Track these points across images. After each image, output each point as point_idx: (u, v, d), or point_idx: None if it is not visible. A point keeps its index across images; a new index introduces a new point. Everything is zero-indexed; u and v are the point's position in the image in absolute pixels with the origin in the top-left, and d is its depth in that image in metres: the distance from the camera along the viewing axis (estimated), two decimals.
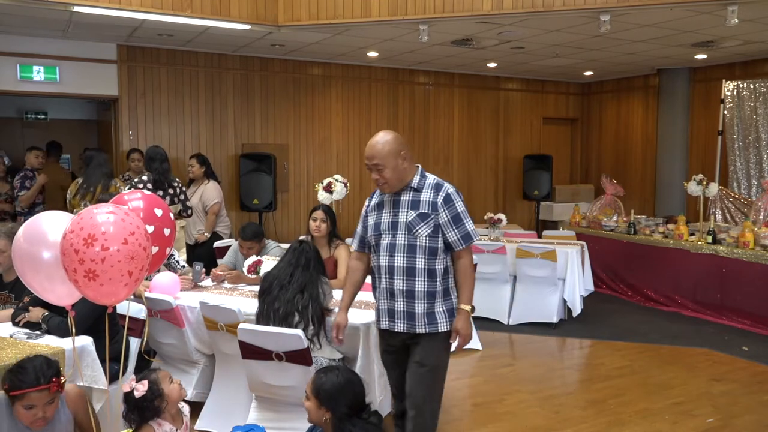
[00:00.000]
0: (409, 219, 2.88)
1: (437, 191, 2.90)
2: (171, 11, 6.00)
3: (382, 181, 2.89)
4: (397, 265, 2.88)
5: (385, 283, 2.94)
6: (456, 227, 2.86)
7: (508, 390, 4.73)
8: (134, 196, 2.73)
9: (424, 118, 9.74)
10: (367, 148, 2.91)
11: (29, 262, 2.43)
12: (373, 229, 2.99)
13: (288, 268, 3.54)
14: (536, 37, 7.17)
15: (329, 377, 2.51)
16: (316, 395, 2.49)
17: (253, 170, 8.01)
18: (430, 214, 2.86)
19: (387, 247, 2.92)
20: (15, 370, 2.47)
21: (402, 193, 2.93)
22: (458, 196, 2.92)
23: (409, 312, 2.89)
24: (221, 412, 3.81)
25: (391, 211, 2.94)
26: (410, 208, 2.89)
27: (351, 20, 6.31)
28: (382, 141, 2.88)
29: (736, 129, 8.69)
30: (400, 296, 2.90)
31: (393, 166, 2.86)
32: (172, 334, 3.93)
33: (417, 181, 2.93)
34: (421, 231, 2.85)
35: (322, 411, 2.47)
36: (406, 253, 2.87)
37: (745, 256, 6.33)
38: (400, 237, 2.89)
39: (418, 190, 2.91)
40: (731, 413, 4.29)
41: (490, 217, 6.87)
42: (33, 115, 10.24)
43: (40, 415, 2.44)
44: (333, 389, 2.47)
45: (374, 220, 3.00)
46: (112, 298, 2.36)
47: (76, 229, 2.27)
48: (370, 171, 2.92)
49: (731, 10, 5.51)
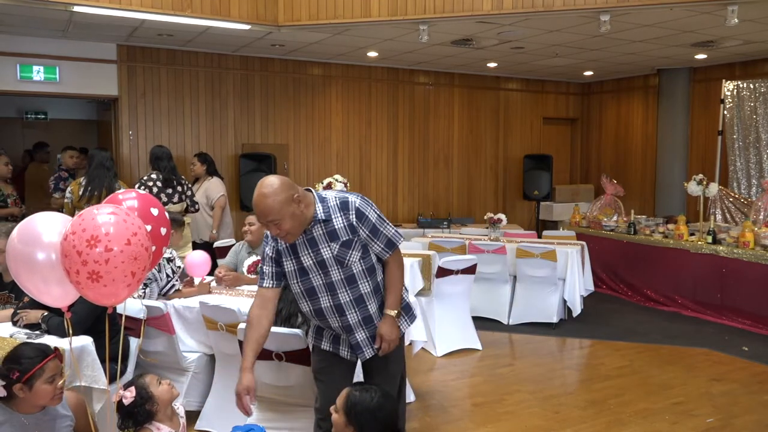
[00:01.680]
0: (334, 253, 2.66)
1: (346, 211, 2.66)
2: (171, 11, 6.00)
3: (283, 234, 2.59)
4: (344, 301, 2.72)
5: (335, 322, 2.77)
6: (376, 239, 2.70)
7: (508, 390, 4.73)
8: (129, 195, 2.71)
9: (424, 118, 9.75)
10: (256, 204, 2.57)
11: (24, 263, 2.40)
12: (299, 275, 2.73)
13: None
14: (536, 37, 7.17)
15: (363, 397, 2.37)
16: (346, 412, 2.37)
17: (253, 170, 8.02)
18: (353, 238, 2.67)
19: (324, 288, 2.72)
20: (16, 359, 2.47)
21: (312, 230, 2.66)
22: (367, 205, 2.70)
23: (372, 335, 2.78)
24: (221, 412, 3.81)
25: (308, 251, 2.69)
26: (330, 240, 2.66)
27: (351, 20, 6.31)
28: (271, 193, 2.53)
29: (736, 129, 8.69)
30: (359, 326, 2.76)
31: (290, 214, 2.55)
32: (161, 341, 3.82)
33: (321, 211, 2.65)
34: (352, 259, 2.67)
35: (349, 429, 2.37)
36: (348, 286, 2.71)
37: (745, 256, 6.33)
38: (334, 274, 2.69)
39: (328, 220, 2.65)
40: (731, 413, 4.30)
41: (490, 217, 6.87)
42: (33, 115, 10.25)
43: (61, 384, 2.50)
44: (365, 411, 2.34)
45: (293, 266, 2.73)
46: (113, 298, 2.35)
47: (78, 230, 2.25)
48: (266, 227, 2.64)
49: (731, 10, 5.51)
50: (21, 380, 2.42)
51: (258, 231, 4.77)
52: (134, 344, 3.66)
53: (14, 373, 2.43)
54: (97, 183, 5.70)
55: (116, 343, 3.27)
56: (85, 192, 5.66)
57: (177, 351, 3.83)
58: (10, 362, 2.47)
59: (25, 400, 2.46)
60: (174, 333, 3.79)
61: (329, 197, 2.70)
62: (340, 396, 2.44)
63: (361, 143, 9.28)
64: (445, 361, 5.42)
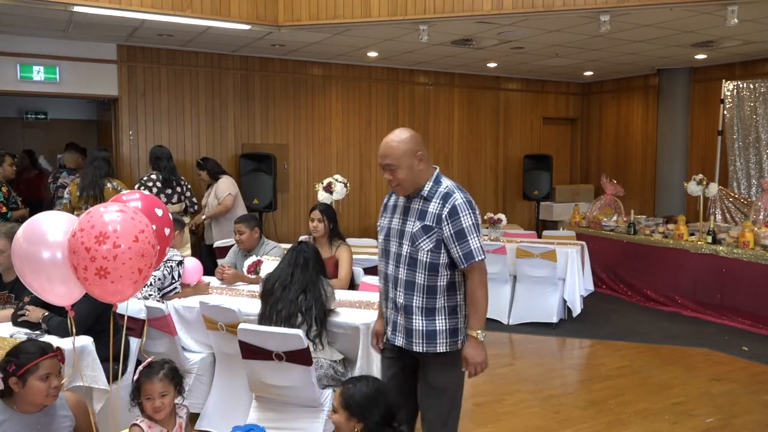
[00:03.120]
0: (414, 230, 2.68)
1: (444, 202, 2.65)
2: (171, 11, 6.00)
3: (395, 182, 2.68)
4: (400, 276, 2.72)
5: (391, 293, 2.79)
6: (458, 243, 2.61)
7: (508, 390, 4.73)
8: (133, 196, 2.74)
9: (424, 118, 9.74)
10: (381, 146, 2.69)
11: (29, 262, 2.44)
12: (384, 233, 2.82)
13: (288, 268, 3.55)
14: (536, 37, 7.17)
15: (359, 387, 2.39)
16: (346, 407, 2.36)
17: (253, 170, 8.02)
18: (434, 227, 2.64)
19: (393, 256, 2.76)
20: (15, 352, 2.49)
21: (413, 200, 2.72)
22: (467, 208, 2.64)
23: (407, 328, 2.72)
24: (221, 412, 3.82)
25: (401, 217, 2.76)
26: (417, 218, 2.69)
27: (351, 20, 6.31)
28: (398, 140, 2.66)
29: (736, 129, 8.69)
30: (400, 309, 2.74)
31: (407, 166, 2.64)
32: (163, 342, 3.81)
33: (428, 188, 2.70)
34: (423, 245, 2.65)
35: (352, 423, 2.36)
36: (407, 266, 2.70)
37: (745, 256, 6.33)
38: (405, 247, 2.70)
39: (428, 200, 2.68)
40: (731, 413, 4.30)
41: (490, 217, 6.88)
42: (33, 115, 10.25)
43: (56, 383, 2.49)
44: (364, 399, 2.35)
45: (386, 223, 2.84)
46: (119, 296, 2.38)
47: (87, 227, 2.29)
48: (383, 171, 2.72)
49: (731, 10, 5.51)
50: (16, 374, 2.44)
51: (248, 238, 4.79)
52: (134, 344, 3.66)
53: (11, 366, 2.45)
54: (88, 182, 5.72)
55: (116, 343, 3.28)
56: (82, 193, 5.69)
57: (179, 352, 3.81)
58: (9, 355, 2.49)
59: (20, 396, 2.47)
60: (176, 334, 3.78)
61: (443, 183, 2.73)
62: (335, 397, 2.44)
63: (361, 143, 9.28)
64: None
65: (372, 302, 3.92)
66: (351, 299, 4.02)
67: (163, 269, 3.94)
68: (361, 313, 3.70)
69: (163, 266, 3.95)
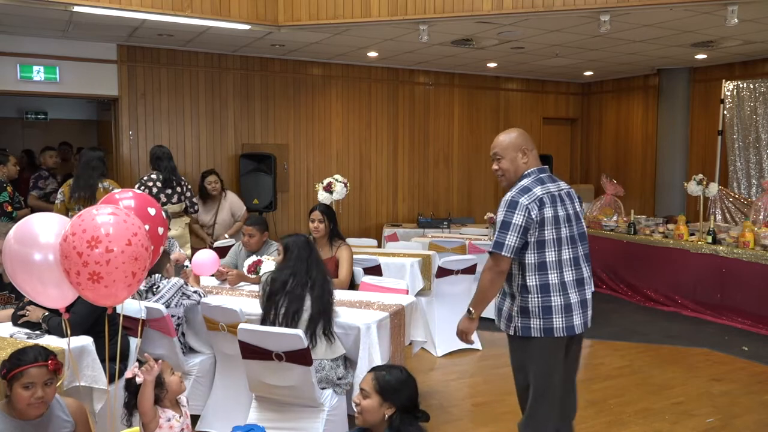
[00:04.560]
0: None
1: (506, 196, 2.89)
2: (171, 11, 6.00)
3: (499, 172, 2.95)
4: None
5: None
6: (495, 232, 2.90)
7: (508, 390, 4.69)
8: (125, 195, 2.70)
9: (424, 118, 9.74)
10: (495, 139, 2.98)
11: (21, 264, 2.38)
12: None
13: (289, 268, 3.55)
14: (536, 37, 7.17)
15: (393, 373, 2.53)
16: (380, 391, 2.47)
17: (253, 170, 8.02)
18: None
19: None
20: (13, 355, 2.49)
21: None
22: (511, 206, 2.81)
23: (500, 308, 3.13)
24: (221, 412, 3.81)
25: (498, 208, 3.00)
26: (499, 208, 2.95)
27: (351, 20, 6.31)
28: (507, 134, 2.95)
29: (736, 129, 8.69)
30: None
31: (511, 158, 2.90)
32: (162, 344, 3.78)
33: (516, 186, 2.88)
34: None
35: (384, 407, 2.47)
36: None
37: (745, 256, 6.33)
38: None
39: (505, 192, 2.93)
40: (731, 413, 4.30)
41: (490, 217, 6.87)
42: (33, 115, 10.25)
43: (39, 394, 2.41)
44: (398, 384, 2.49)
45: None
46: (113, 299, 2.35)
47: (78, 231, 2.24)
48: (492, 160, 2.98)
49: (731, 10, 5.51)
50: (5, 378, 2.43)
51: (257, 241, 4.81)
52: (134, 344, 3.65)
53: (3, 370, 2.45)
54: (83, 183, 5.62)
55: (116, 343, 3.28)
56: (73, 193, 5.63)
57: (178, 354, 3.79)
58: (7, 358, 2.49)
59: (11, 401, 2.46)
60: (174, 335, 3.75)
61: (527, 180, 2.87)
62: (364, 381, 2.54)
63: (361, 143, 9.28)
64: (445, 361, 5.42)
65: (372, 302, 3.92)
66: (351, 299, 4.02)
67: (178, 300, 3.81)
68: (361, 313, 3.69)
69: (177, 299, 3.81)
